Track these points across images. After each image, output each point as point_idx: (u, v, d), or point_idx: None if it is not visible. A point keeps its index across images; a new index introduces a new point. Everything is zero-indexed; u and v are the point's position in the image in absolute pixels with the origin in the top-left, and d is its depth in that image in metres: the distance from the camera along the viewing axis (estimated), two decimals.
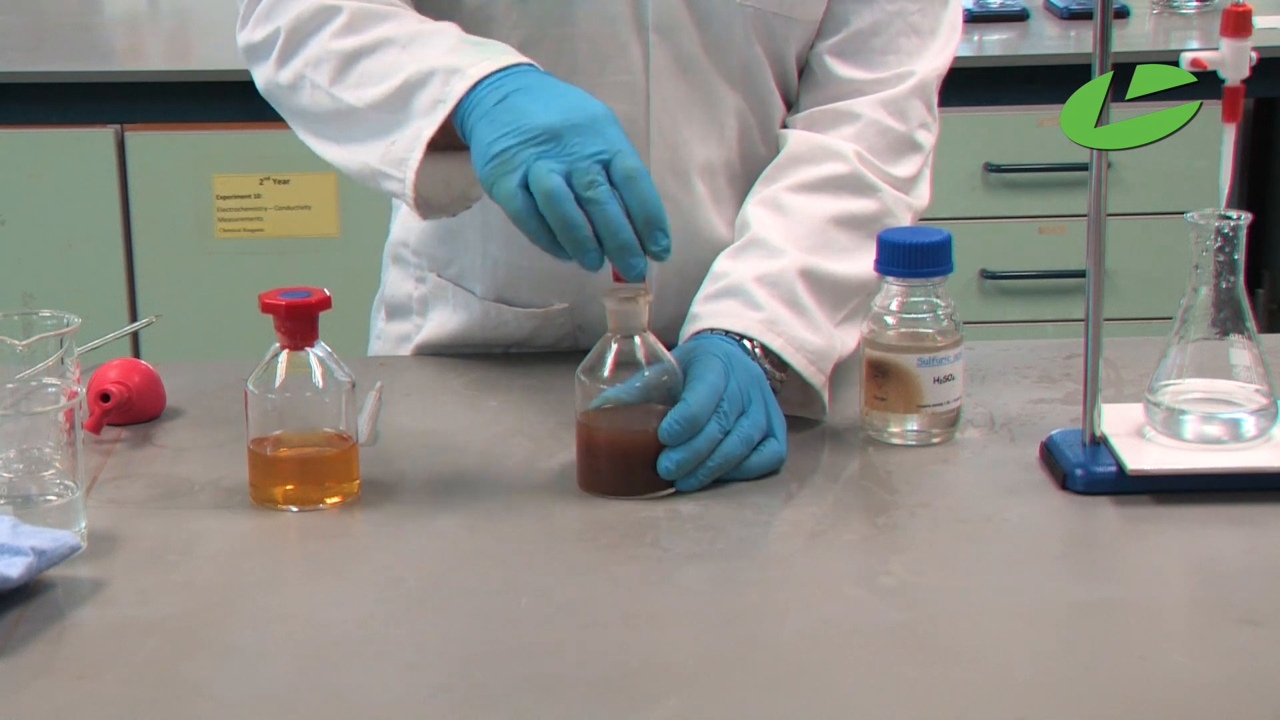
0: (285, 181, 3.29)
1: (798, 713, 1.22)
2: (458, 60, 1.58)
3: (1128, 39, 3.41)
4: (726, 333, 1.62)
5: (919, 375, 1.60)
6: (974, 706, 1.22)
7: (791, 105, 1.80)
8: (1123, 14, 3.53)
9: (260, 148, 3.28)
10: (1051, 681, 1.25)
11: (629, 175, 1.48)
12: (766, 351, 1.63)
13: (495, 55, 1.58)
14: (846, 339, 1.69)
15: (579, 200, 1.47)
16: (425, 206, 1.61)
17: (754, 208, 1.73)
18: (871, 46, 1.77)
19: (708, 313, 1.65)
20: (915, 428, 1.61)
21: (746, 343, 1.62)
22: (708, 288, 1.68)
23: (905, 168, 1.76)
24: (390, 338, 1.94)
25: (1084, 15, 3.46)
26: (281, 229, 3.31)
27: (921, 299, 1.60)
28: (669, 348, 1.54)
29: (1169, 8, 3.57)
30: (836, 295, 1.69)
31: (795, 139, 1.76)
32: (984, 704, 1.23)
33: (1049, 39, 3.40)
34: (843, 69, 1.77)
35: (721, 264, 1.70)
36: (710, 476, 1.53)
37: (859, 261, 1.69)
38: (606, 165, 1.48)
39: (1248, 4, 1.52)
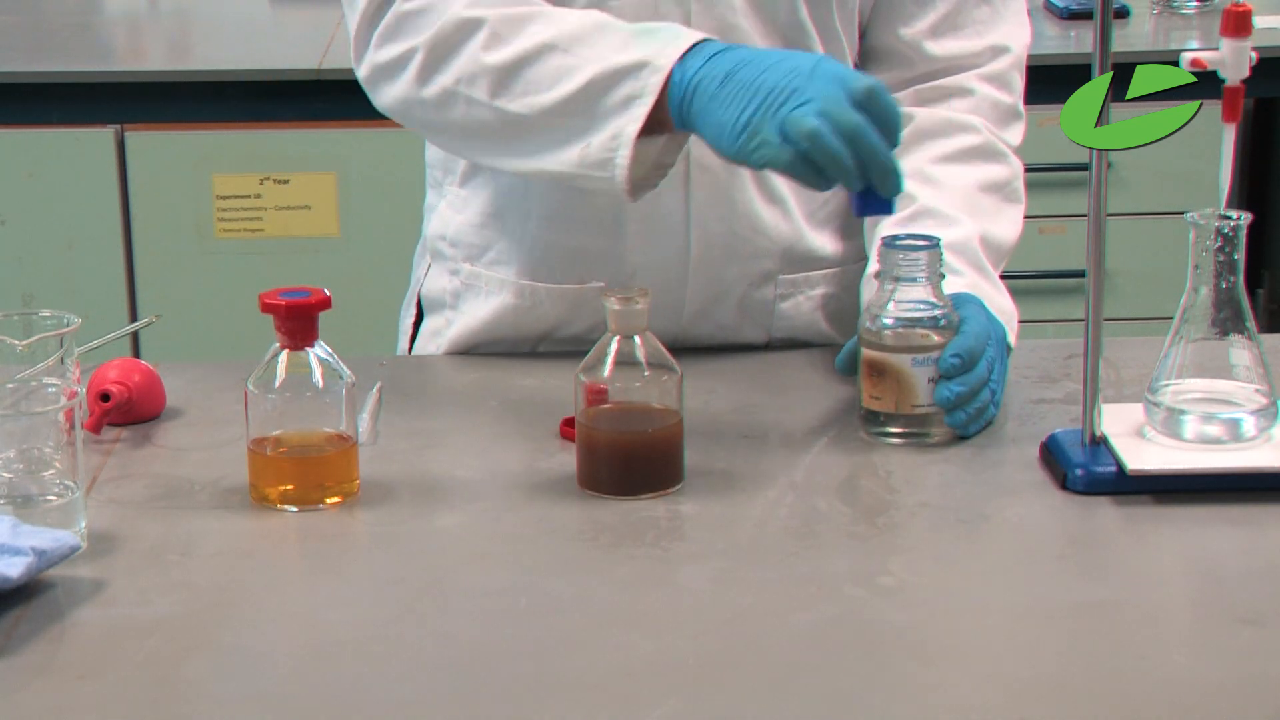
0: (285, 181, 3.29)
1: (798, 713, 1.22)
2: (639, 55, 1.60)
3: (1128, 39, 3.41)
4: None
5: (913, 375, 1.60)
6: (974, 706, 1.22)
7: None
8: (1123, 14, 3.53)
9: (260, 148, 3.27)
10: (1051, 681, 1.25)
11: (868, 94, 1.54)
12: None
13: (671, 39, 1.61)
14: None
15: (839, 133, 1.52)
16: (635, 190, 1.64)
17: (904, 181, 1.76)
18: (957, 24, 1.81)
19: None
20: (911, 428, 1.61)
21: None
22: None
23: (1015, 135, 1.84)
24: (424, 333, 1.93)
25: (1084, 15, 3.46)
26: (281, 229, 3.31)
27: (917, 299, 1.60)
28: (670, 350, 1.54)
29: (1169, 8, 3.57)
30: (997, 256, 1.77)
31: (920, 115, 1.80)
32: (984, 704, 1.23)
33: (1049, 39, 3.40)
34: (938, 47, 1.81)
35: (895, 232, 1.70)
36: (976, 419, 1.61)
37: (1007, 224, 1.80)
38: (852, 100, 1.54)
39: (1248, 4, 1.52)
